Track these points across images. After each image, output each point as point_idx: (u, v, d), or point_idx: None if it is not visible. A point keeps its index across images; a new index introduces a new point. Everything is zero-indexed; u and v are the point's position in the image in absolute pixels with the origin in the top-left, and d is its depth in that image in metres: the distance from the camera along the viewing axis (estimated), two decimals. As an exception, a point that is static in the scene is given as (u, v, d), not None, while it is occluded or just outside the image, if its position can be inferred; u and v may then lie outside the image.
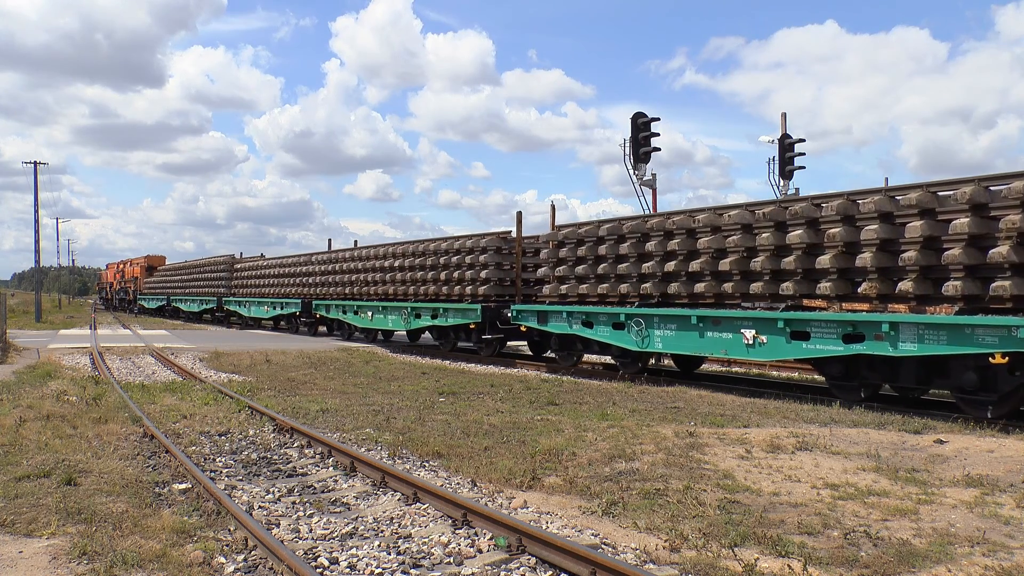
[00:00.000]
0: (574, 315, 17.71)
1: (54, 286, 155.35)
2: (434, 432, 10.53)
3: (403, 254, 25.37)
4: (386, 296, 26.08)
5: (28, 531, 6.34)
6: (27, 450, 9.00)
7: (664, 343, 15.61)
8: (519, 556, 5.84)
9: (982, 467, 8.25)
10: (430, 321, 23.44)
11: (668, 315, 15.44)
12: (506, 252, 21.71)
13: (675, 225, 15.72)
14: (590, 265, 17.72)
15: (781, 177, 31.32)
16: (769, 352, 13.69)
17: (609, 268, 17.17)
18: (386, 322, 26.08)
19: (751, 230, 14.38)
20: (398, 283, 25.17)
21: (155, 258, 65.85)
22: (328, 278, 30.11)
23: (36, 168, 53.49)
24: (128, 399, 13.15)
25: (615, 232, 17.09)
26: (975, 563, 5.52)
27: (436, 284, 23.28)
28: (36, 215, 52.40)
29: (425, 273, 23.86)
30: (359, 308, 27.48)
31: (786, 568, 5.41)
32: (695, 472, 8.16)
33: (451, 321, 22.41)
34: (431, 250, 23.83)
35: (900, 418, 11.17)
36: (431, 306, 23.23)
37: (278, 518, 6.96)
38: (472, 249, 22.01)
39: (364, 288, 27.26)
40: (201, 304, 47.04)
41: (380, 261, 26.53)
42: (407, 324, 24.59)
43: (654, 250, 16.05)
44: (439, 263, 23.31)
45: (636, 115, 26.49)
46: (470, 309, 21.29)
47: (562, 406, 12.96)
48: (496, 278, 21.33)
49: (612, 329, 16.61)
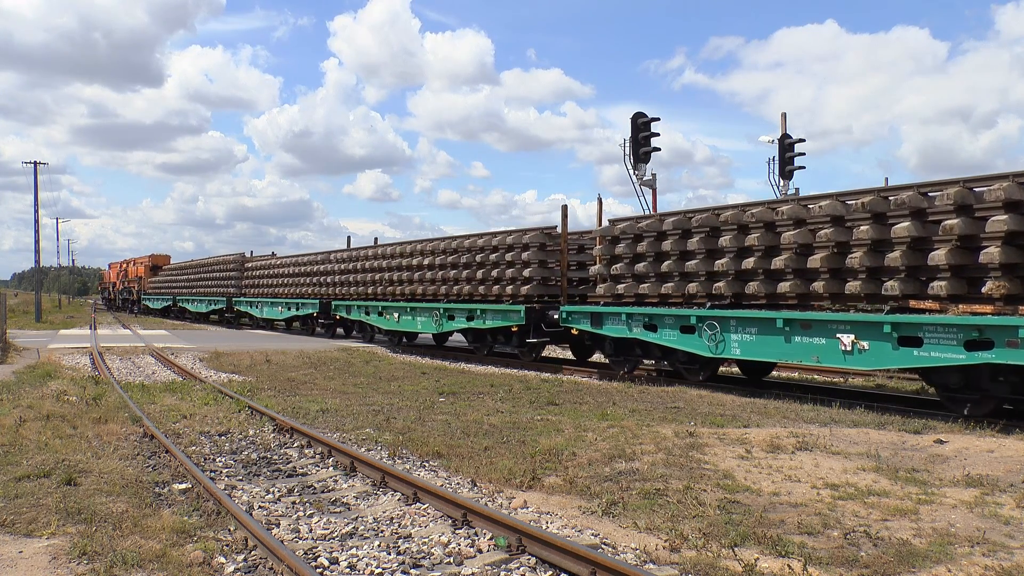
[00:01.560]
0: (634, 317, 16.12)
1: (54, 286, 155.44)
2: (434, 432, 10.53)
3: (433, 251, 23.68)
4: (413, 296, 24.47)
5: (28, 531, 6.34)
6: (27, 450, 9.00)
7: (743, 349, 14.02)
8: (519, 556, 5.84)
9: (982, 467, 8.25)
10: (465, 323, 21.73)
11: (749, 318, 13.86)
12: (551, 249, 19.95)
13: (753, 218, 14.07)
14: (651, 262, 16.28)
15: (781, 177, 31.33)
16: (872, 360, 12.04)
17: (674, 266, 15.67)
18: (414, 324, 24.26)
19: (843, 222, 12.76)
20: (427, 282, 23.64)
21: (160, 257, 63.78)
22: (349, 277, 28.56)
23: (36, 168, 53.59)
24: (128, 399, 13.15)
25: (681, 226, 15.59)
26: (975, 563, 5.52)
27: (472, 284, 21.65)
28: (36, 215, 52.50)
29: (459, 272, 22.20)
30: (384, 309, 25.80)
31: (786, 568, 5.41)
32: (695, 472, 8.16)
33: (489, 324, 20.66)
34: (465, 247, 22.15)
35: (900, 418, 11.17)
36: (466, 307, 21.56)
37: (278, 518, 6.96)
38: (512, 246, 20.33)
39: (389, 288, 25.68)
40: (210, 304, 45.19)
41: (407, 259, 24.87)
42: (438, 326, 22.82)
43: (727, 245, 14.52)
44: (475, 261, 21.58)
45: (636, 115, 26.51)
46: (512, 311, 19.60)
47: (562, 406, 12.96)
48: (540, 277, 19.65)
49: (680, 333, 15.14)
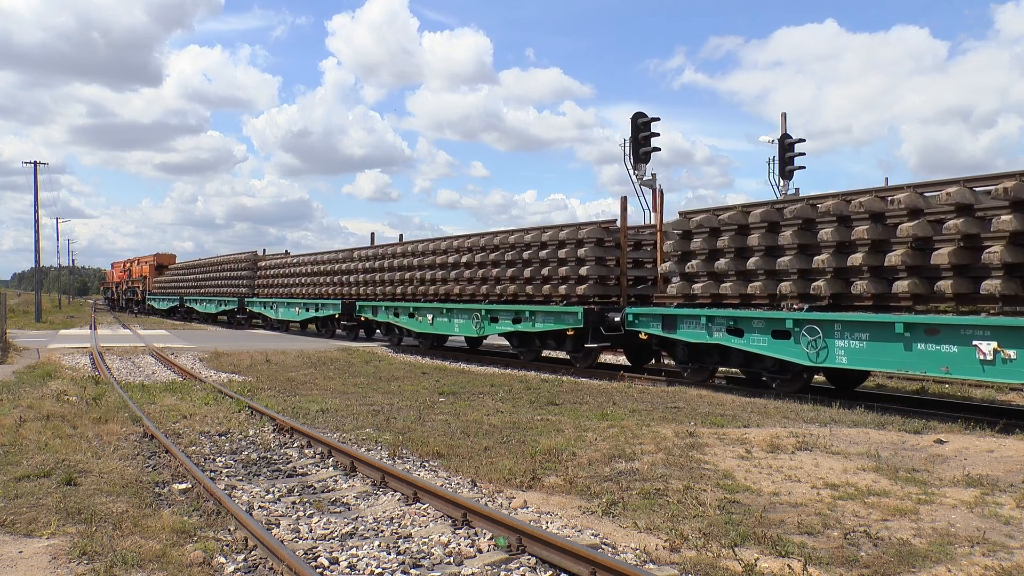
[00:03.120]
0: (716, 321, 14.57)
1: (54, 286, 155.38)
2: (434, 432, 10.53)
3: (471, 248, 21.87)
4: (448, 297, 22.78)
5: (28, 531, 6.34)
6: (27, 450, 9.00)
7: (850, 357, 12.39)
8: (519, 556, 5.84)
9: (982, 467, 8.25)
10: (510, 326, 19.86)
11: (859, 322, 12.25)
12: (609, 245, 18.33)
13: (861, 208, 12.49)
14: (733, 259, 14.66)
15: (781, 177, 31.32)
16: (1020, 372, 10.47)
17: (761, 262, 14.06)
18: (451, 327, 22.41)
19: (972, 212, 11.36)
20: (465, 282, 21.89)
21: (165, 256, 62.07)
22: (375, 276, 26.82)
23: (36, 168, 53.56)
24: (128, 399, 13.15)
25: (770, 218, 13.98)
26: (975, 563, 5.52)
27: (518, 283, 19.94)
28: (36, 215, 52.47)
29: (503, 270, 20.39)
30: (416, 310, 24.02)
31: (786, 568, 5.41)
32: (695, 472, 8.16)
33: (539, 327, 18.87)
34: (510, 243, 20.32)
35: (900, 418, 11.18)
36: (512, 309, 19.78)
37: (278, 518, 6.96)
38: (564, 242, 18.65)
39: (421, 288, 23.92)
40: (220, 305, 43.34)
41: (442, 257, 23.06)
42: (479, 329, 21.01)
43: (827, 240, 12.96)
44: (521, 258, 19.85)
45: (636, 115, 26.48)
46: (567, 312, 17.90)
47: (562, 406, 12.96)
48: (597, 276, 18.00)
49: (771, 339, 13.57)
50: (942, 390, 15.54)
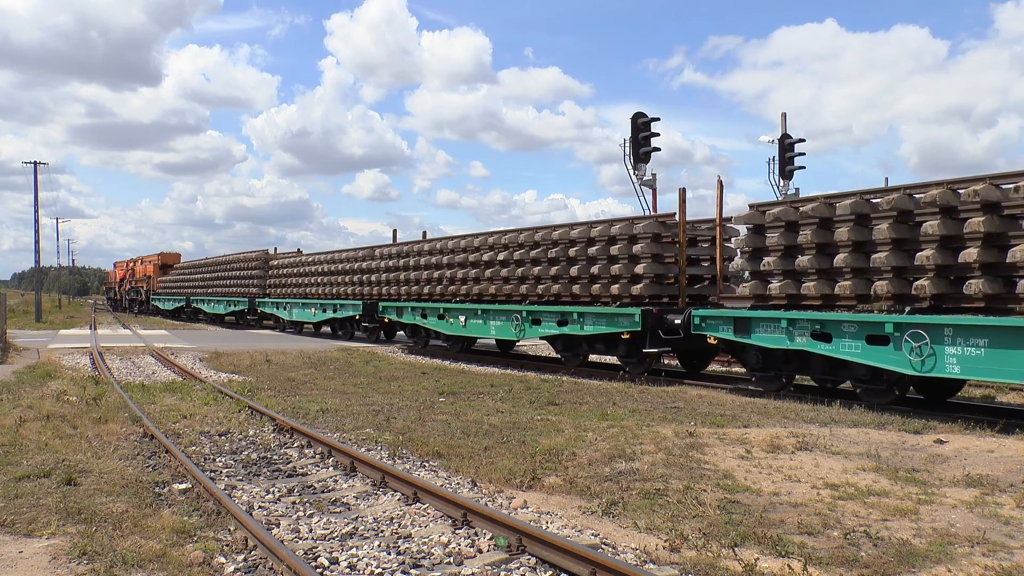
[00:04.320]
0: (798, 324, 13.13)
1: (54, 286, 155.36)
2: (434, 432, 10.53)
3: (508, 245, 20.41)
4: (481, 297, 21.34)
5: (28, 531, 6.34)
6: (27, 450, 9.00)
7: (964, 366, 11.00)
8: (519, 556, 5.84)
9: (982, 467, 8.25)
10: (555, 329, 18.37)
11: (979, 326, 10.79)
12: (667, 240, 16.98)
13: (976, 196, 11.20)
14: (816, 256, 13.28)
15: (781, 177, 31.37)
16: None
17: (850, 259, 12.71)
18: (486, 329, 20.86)
19: None
20: (501, 281, 20.44)
21: (170, 255, 60.44)
22: (399, 275, 25.43)
23: (36, 168, 53.57)
24: (128, 399, 13.15)
25: (860, 210, 12.73)
26: (975, 563, 5.52)
27: (562, 282, 18.57)
28: (36, 215, 52.47)
29: (545, 268, 19.01)
30: (446, 311, 22.44)
31: (786, 568, 5.41)
32: (695, 472, 8.16)
33: (589, 329, 17.40)
34: (553, 239, 18.95)
35: (900, 418, 11.17)
36: (557, 310, 18.30)
37: (278, 518, 6.96)
38: (616, 237, 17.30)
39: (451, 287, 22.60)
40: (229, 305, 41.73)
41: (475, 254, 21.63)
42: (519, 332, 19.51)
43: (931, 233, 11.66)
44: (566, 255, 18.50)
45: (636, 115, 26.53)
46: (623, 314, 16.45)
47: (562, 406, 12.96)
48: (653, 274, 16.67)
49: (865, 344, 12.18)
50: None
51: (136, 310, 63.43)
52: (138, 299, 64.39)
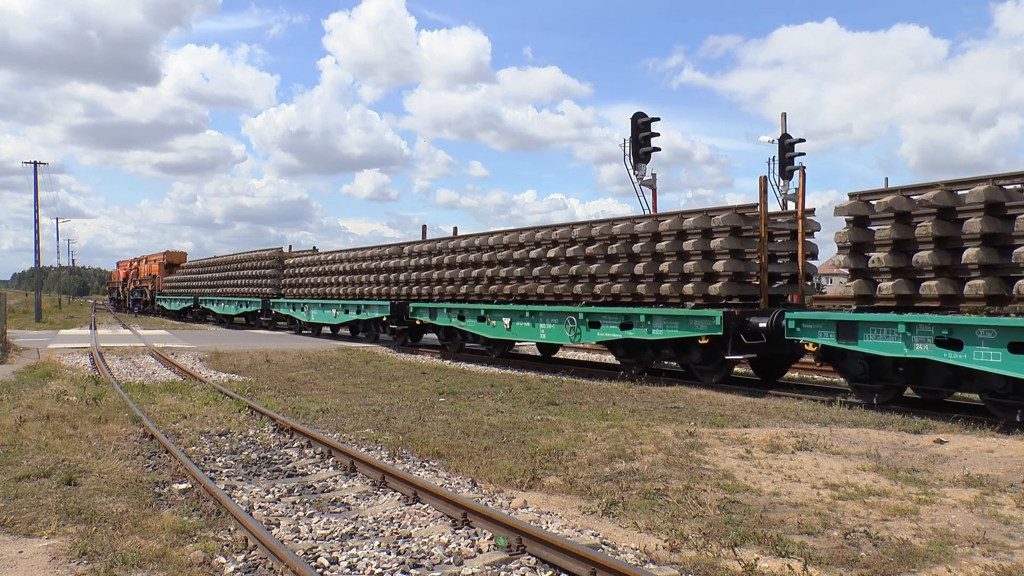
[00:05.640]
0: (919, 328, 11.50)
1: (54, 286, 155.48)
2: (434, 432, 10.53)
3: (557, 241, 18.94)
4: (526, 298, 19.81)
5: (28, 531, 6.34)
6: (27, 450, 9.00)
7: None
8: (519, 556, 5.84)
9: (982, 467, 8.26)
10: (617, 333, 16.72)
11: None
12: (748, 234, 15.54)
13: None
14: (935, 251, 11.75)
15: (781, 177, 31.40)
16: None
17: (983, 255, 11.21)
18: (535, 333, 19.12)
19: None
20: (550, 280, 19.00)
21: (175, 254, 58.93)
22: (431, 274, 23.85)
23: (36, 168, 53.62)
24: (128, 399, 13.15)
25: (994, 198, 11.17)
26: (975, 563, 5.52)
27: (623, 281, 17.08)
28: (36, 215, 52.50)
29: (603, 266, 17.51)
30: (487, 313, 20.75)
31: (786, 568, 5.41)
32: (695, 472, 8.16)
33: (658, 334, 15.81)
34: (614, 234, 17.38)
35: (900, 418, 11.18)
36: (620, 312, 16.68)
37: (278, 518, 6.97)
38: (687, 232, 15.89)
39: (493, 287, 20.97)
40: (240, 306, 40.10)
41: (520, 251, 20.08)
42: (574, 335, 17.80)
43: None
44: (630, 252, 16.99)
45: (636, 115, 26.57)
46: (700, 317, 14.90)
47: (562, 406, 12.96)
48: (732, 272, 15.28)
49: (1008, 352, 10.62)
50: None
51: (140, 310, 62.43)
52: (143, 299, 63.13)
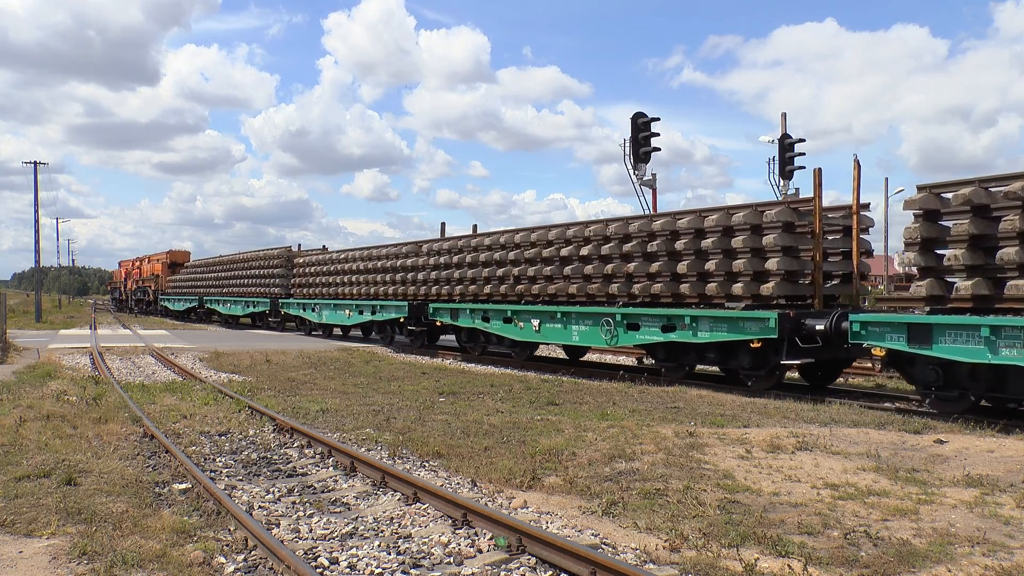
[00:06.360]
0: (1005, 332, 10.53)
1: (54, 286, 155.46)
2: (434, 432, 10.53)
3: (589, 238, 18.06)
4: (554, 298, 18.88)
5: (28, 531, 6.34)
6: (27, 450, 9.00)
7: None
8: (519, 556, 5.84)
9: (982, 467, 8.26)
10: (659, 336, 15.74)
11: None
12: (801, 231, 14.71)
13: None
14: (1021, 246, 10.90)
15: (781, 177, 31.37)
16: None
17: None
18: (567, 335, 18.17)
19: None
20: (581, 279, 18.10)
21: (179, 253, 57.91)
22: (452, 273, 23.05)
23: (36, 168, 53.64)
24: (128, 399, 13.15)
25: None
26: (975, 563, 5.52)
27: (664, 280, 16.17)
28: (36, 215, 52.52)
29: (642, 265, 16.64)
30: (514, 314, 19.78)
31: (786, 568, 5.41)
32: (695, 472, 8.16)
33: (704, 336, 14.84)
34: (652, 231, 16.53)
35: (900, 418, 11.18)
36: (662, 313, 15.72)
37: (278, 518, 6.97)
38: (734, 228, 14.98)
39: (519, 286, 20.12)
40: (248, 306, 39.16)
41: (549, 249, 19.29)
42: (610, 338, 16.76)
43: None
44: (671, 249, 16.10)
45: (636, 115, 26.57)
46: (752, 319, 13.91)
47: (562, 406, 12.96)
48: (785, 271, 14.40)
49: None
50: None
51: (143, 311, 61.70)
52: (145, 299, 62.29)
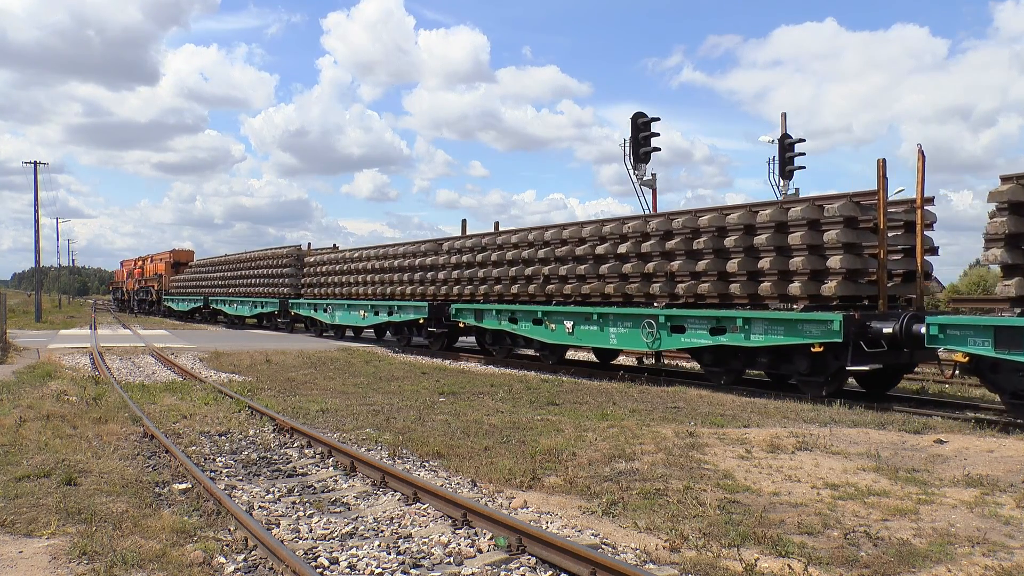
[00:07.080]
0: None
1: (54, 286, 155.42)
2: (434, 432, 10.53)
3: (627, 236, 17.04)
4: (587, 299, 17.98)
5: (28, 531, 6.34)
6: (27, 450, 9.00)
7: None
8: (519, 556, 5.84)
9: (982, 467, 8.26)
10: (707, 339, 14.69)
11: None
12: (864, 226, 13.61)
13: None
14: None
15: (781, 177, 31.36)
16: None
17: None
18: (604, 338, 17.10)
19: None
20: (618, 279, 17.20)
21: (182, 252, 57.22)
22: (475, 272, 22.06)
23: (36, 168, 53.67)
24: (128, 399, 13.15)
25: None
26: (975, 563, 5.52)
27: (711, 279, 15.13)
28: (36, 215, 52.53)
29: (686, 263, 15.55)
30: (545, 315, 18.75)
31: (786, 568, 5.41)
32: (695, 472, 8.16)
33: (758, 340, 13.78)
34: (697, 227, 15.49)
35: (900, 418, 11.18)
36: (711, 315, 14.72)
37: (278, 518, 6.97)
38: (790, 224, 13.92)
39: (550, 286, 19.14)
40: (256, 307, 38.27)
41: (582, 247, 18.24)
42: (653, 341, 15.71)
43: None
44: (720, 247, 15.02)
45: (636, 115, 26.55)
46: (813, 321, 12.88)
47: (562, 406, 12.96)
48: (847, 269, 13.28)
49: None
50: (942, 390, 15.53)
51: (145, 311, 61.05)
52: (148, 299, 61.53)
